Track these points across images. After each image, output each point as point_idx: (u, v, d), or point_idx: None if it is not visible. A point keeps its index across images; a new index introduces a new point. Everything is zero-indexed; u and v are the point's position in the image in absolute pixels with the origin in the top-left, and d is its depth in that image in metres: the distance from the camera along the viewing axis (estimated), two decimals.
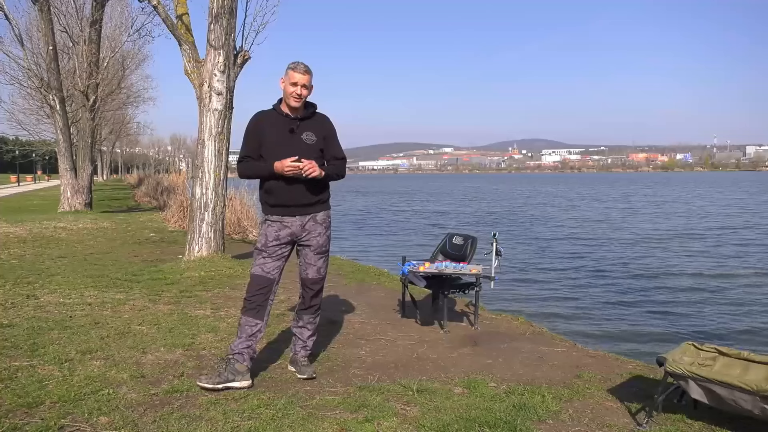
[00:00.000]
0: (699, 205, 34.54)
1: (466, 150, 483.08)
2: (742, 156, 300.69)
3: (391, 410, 3.16)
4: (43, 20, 16.21)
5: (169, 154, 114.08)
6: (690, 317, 8.41)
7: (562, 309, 8.81)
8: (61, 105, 16.82)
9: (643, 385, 3.67)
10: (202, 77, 7.73)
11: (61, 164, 17.24)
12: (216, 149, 7.80)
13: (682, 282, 11.04)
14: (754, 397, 2.73)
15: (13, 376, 3.48)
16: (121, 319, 4.90)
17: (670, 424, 3.08)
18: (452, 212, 31.68)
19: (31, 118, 31.20)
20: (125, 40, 21.67)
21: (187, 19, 8.09)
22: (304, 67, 3.46)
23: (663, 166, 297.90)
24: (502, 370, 3.97)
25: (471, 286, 5.12)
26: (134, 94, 36.08)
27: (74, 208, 17.10)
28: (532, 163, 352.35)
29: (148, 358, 3.93)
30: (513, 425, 3.00)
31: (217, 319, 5.03)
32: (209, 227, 7.88)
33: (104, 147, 55.16)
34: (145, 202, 24.92)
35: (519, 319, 5.61)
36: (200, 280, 6.78)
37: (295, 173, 3.36)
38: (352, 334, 4.76)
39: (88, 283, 6.48)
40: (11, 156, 55.65)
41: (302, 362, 3.74)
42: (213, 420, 2.96)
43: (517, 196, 47.85)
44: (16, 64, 17.39)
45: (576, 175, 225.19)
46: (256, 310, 3.50)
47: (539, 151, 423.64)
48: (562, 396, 3.46)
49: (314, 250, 3.62)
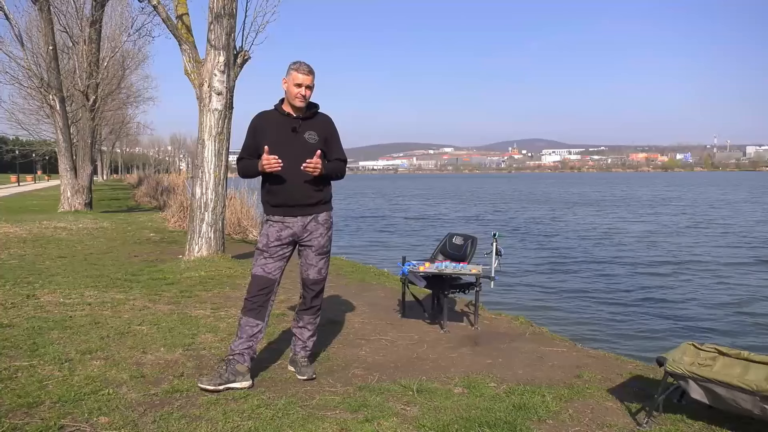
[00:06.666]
0: (698, 205, 34.55)
1: (466, 150, 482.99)
2: (742, 156, 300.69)
3: (391, 410, 3.16)
4: (43, 20, 16.23)
5: (169, 154, 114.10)
6: (690, 317, 8.41)
7: (562, 309, 8.81)
8: (61, 105, 16.82)
9: (643, 385, 3.68)
10: (202, 77, 7.73)
11: (61, 164, 17.24)
12: (216, 149, 7.80)
13: (682, 282, 11.04)
14: (754, 397, 2.73)
15: (13, 376, 3.48)
16: (121, 319, 4.89)
17: (670, 424, 3.08)
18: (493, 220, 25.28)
19: (31, 118, 31.27)
20: (125, 40, 21.65)
21: (187, 19, 8.09)
22: (307, 68, 3.46)
23: (663, 166, 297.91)
24: (502, 370, 3.97)
25: (471, 286, 5.13)
26: (134, 94, 36.16)
27: (74, 208, 17.10)
28: (532, 163, 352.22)
29: (148, 358, 3.93)
30: (513, 425, 3.00)
31: (217, 319, 5.03)
32: (209, 227, 7.88)
33: (104, 147, 55.19)
34: (145, 202, 24.92)
35: (519, 319, 5.61)
36: (200, 280, 6.78)
37: (272, 169, 3.36)
38: (352, 334, 4.76)
39: (88, 283, 6.48)
40: (11, 156, 55.69)
41: (302, 362, 3.73)
42: (213, 420, 2.96)
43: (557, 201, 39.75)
44: (16, 64, 17.43)
45: (578, 174, 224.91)
46: (257, 311, 3.49)
47: (539, 151, 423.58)
48: (562, 396, 3.46)
49: (315, 251, 3.62)
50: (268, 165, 3.35)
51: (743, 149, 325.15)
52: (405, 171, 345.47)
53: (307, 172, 3.39)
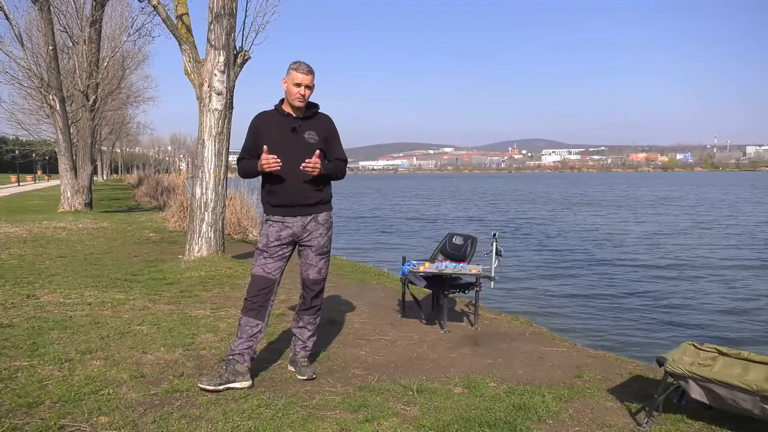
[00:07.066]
0: (700, 205, 34.56)
1: (466, 150, 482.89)
2: (742, 156, 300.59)
3: (391, 410, 3.16)
4: (43, 20, 16.23)
5: (169, 154, 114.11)
6: (690, 317, 8.41)
7: (562, 309, 8.81)
8: (61, 105, 16.83)
9: (643, 385, 3.68)
10: (202, 77, 7.73)
11: (61, 164, 17.25)
12: (216, 149, 7.80)
13: (682, 282, 11.03)
14: (754, 397, 2.73)
15: (13, 376, 3.48)
16: (121, 319, 4.89)
17: (670, 424, 3.08)
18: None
19: (31, 118, 31.26)
20: (125, 40, 21.66)
21: (187, 19, 8.09)
22: (306, 68, 3.46)
23: (663, 166, 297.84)
24: (502, 370, 3.97)
25: (471, 286, 5.12)
26: (134, 94, 36.20)
27: (74, 208, 17.11)
28: (532, 163, 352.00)
29: (148, 358, 3.93)
30: (513, 425, 3.00)
31: (217, 319, 5.03)
32: (209, 227, 7.88)
33: (104, 147, 55.20)
34: (145, 202, 24.93)
35: (519, 319, 5.61)
36: (200, 280, 6.78)
37: (271, 168, 3.36)
38: (352, 334, 4.76)
39: (88, 283, 6.48)
40: (11, 156, 55.69)
41: (302, 362, 3.73)
42: (213, 420, 2.96)
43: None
44: (16, 64, 17.42)
45: (578, 174, 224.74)
46: (257, 311, 3.49)
47: (539, 151, 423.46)
48: (562, 396, 3.46)
49: (315, 251, 3.62)
50: (267, 164, 3.35)
51: (743, 149, 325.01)
52: (405, 171, 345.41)
53: (307, 172, 3.40)
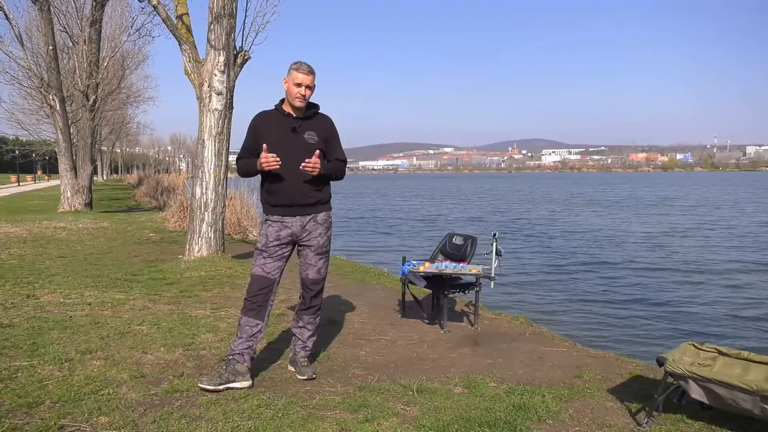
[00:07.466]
0: (700, 205, 34.55)
1: (466, 150, 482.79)
2: (742, 156, 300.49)
3: (391, 410, 3.16)
4: (43, 20, 16.23)
5: (169, 154, 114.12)
6: (690, 317, 8.41)
7: (562, 309, 8.81)
8: (61, 105, 16.83)
9: (643, 385, 3.68)
10: (202, 77, 7.73)
11: (61, 164, 17.25)
12: (216, 149, 7.80)
13: (682, 282, 11.03)
14: (754, 397, 2.73)
15: (13, 376, 3.48)
16: (121, 319, 4.89)
17: (670, 424, 3.08)
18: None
19: (31, 118, 31.26)
20: (125, 40, 21.67)
21: (187, 20, 8.09)
22: (307, 68, 3.46)
23: (663, 166, 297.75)
24: (502, 370, 3.97)
25: (471, 286, 5.12)
26: (134, 94, 36.18)
27: (74, 208, 17.11)
28: (532, 163, 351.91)
29: (148, 358, 3.93)
30: (513, 425, 3.00)
31: (217, 319, 5.03)
32: (209, 227, 7.88)
33: (104, 147, 55.19)
34: (145, 202, 24.93)
35: (519, 319, 5.61)
36: (200, 280, 6.78)
37: (270, 167, 3.36)
38: (352, 334, 4.76)
39: (88, 283, 6.48)
40: (11, 156, 55.68)
41: (302, 362, 3.73)
42: (213, 420, 2.96)
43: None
44: (16, 64, 17.42)
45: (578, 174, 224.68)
46: (256, 311, 3.49)
47: (539, 151, 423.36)
48: (562, 396, 3.46)
49: (315, 251, 3.62)
50: (266, 163, 3.35)
51: (743, 149, 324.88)
52: (405, 171, 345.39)
53: (306, 172, 3.40)
